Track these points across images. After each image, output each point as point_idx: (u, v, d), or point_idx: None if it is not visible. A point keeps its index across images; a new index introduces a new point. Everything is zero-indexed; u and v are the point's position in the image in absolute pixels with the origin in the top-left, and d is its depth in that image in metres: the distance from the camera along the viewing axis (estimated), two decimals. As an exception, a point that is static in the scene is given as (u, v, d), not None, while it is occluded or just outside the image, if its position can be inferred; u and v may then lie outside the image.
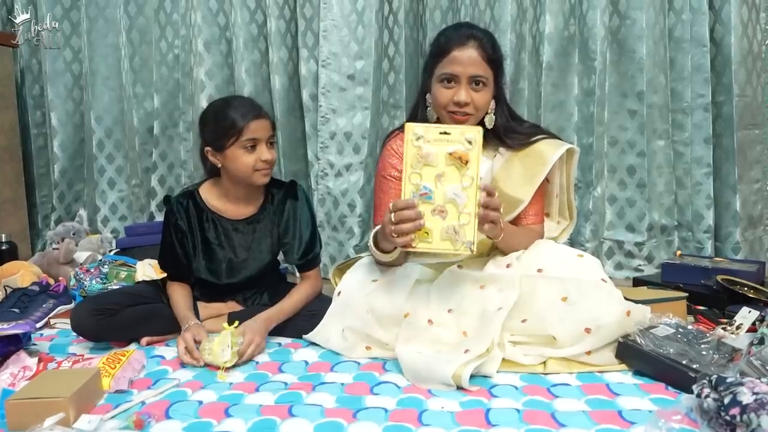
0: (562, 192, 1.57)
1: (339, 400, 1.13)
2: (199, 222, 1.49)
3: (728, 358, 1.18)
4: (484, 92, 1.40)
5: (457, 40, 1.39)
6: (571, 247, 1.51)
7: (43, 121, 2.45)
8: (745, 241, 2.09)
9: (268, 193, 1.54)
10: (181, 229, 1.48)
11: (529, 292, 1.31)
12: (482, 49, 1.38)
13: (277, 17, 2.21)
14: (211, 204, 1.50)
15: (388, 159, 1.54)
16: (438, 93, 1.42)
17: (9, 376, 1.18)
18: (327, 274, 2.15)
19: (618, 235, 2.17)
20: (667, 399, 1.10)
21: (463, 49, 1.38)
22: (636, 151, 2.10)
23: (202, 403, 1.11)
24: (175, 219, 1.48)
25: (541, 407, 1.08)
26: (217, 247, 1.50)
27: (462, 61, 1.37)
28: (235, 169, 1.43)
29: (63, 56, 2.40)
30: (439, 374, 1.17)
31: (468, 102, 1.38)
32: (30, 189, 2.41)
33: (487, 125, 1.44)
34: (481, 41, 1.39)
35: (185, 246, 1.49)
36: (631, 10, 2.03)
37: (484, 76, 1.39)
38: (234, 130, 1.37)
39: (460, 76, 1.38)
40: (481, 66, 1.38)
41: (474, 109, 1.40)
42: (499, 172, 1.48)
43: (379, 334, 1.35)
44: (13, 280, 1.82)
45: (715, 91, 2.07)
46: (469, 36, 1.39)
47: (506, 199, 1.44)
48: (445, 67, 1.39)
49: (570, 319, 1.25)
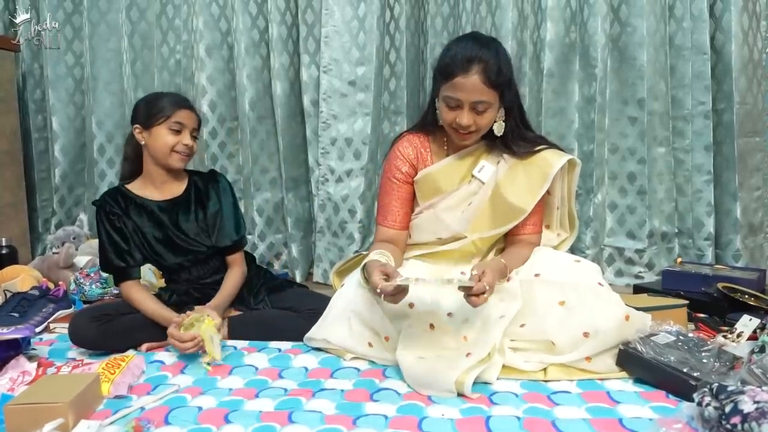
0: (563, 204, 1.58)
1: (339, 406, 1.12)
2: (127, 209, 1.56)
3: (729, 366, 1.17)
4: (487, 113, 1.41)
5: (461, 66, 1.37)
6: (570, 254, 1.52)
7: (44, 125, 2.45)
8: (746, 249, 2.09)
9: (190, 180, 1.64)
10: (116, 213, 1.54)
11: (527, 297, 1.32)
12: (485, 75, 1.36)
13: (279, 23, 2.22)
14: (136, 192, 1.59)
15: (394, 161, 1.56)
16: (443, 111, 1.44)
17: (8, 381, 1.18)
18: (328, 280, 2.16)
19: (618, 242, 2.17)
20: (668, 407, 1.10)
21: (466, 76, 1.36)
22: (636, 158, 2.11)
23: (202, 409, 1.11)
24: (108, 209, 1.55)
25: (542, 415, 1.08)
26: (149, 229, 1.57)
27: (464, 89, 1.37)
28: (156, 147, 1.54)
29: (65, 61, 2.40)
30: (442, 381, 1.17)
31: (470, 125, 1.40)
32: (31, 193, 2.41)
33: (496, 132, 1.46)
34: (486, 65, 1.36)
35: (123, 232, 1.54)
36: (632, 18, 2.04)
37: (486, 102, 1.39)
38: (164, 113, 1.52)
39: (462, 102, 1.38)
40: (484, 92, 1.37)
41: (476, 128, 1.42)
42: (502, 179, 1.49)
43: (384, 325, 1.35)
44: (13, 284, 1.82)
45: (716, 99, 2.07)
46: (473, 60, 1.36)
47: (507, 206, 1.46)
48: (448, 91, 1.40)
49: (568, 323, 1.26)
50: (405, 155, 1.55)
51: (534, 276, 1.37)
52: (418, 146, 1.56)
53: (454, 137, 1.48)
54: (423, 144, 1.56)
